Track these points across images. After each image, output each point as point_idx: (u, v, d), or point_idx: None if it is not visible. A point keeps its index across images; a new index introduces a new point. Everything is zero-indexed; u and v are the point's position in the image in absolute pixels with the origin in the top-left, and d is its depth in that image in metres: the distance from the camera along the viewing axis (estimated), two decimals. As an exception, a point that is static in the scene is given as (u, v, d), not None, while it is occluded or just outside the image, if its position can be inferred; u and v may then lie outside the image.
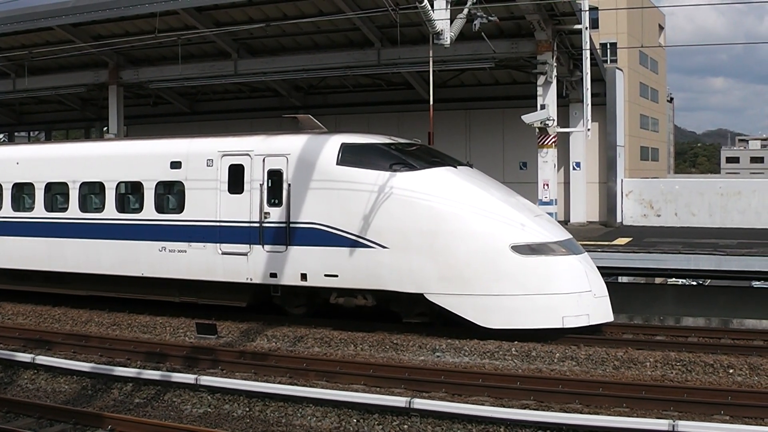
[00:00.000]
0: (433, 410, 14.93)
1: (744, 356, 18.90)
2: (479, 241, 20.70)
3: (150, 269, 24.22)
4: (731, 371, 17.94)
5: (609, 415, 14.86)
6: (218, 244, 23.19)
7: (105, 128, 42.74)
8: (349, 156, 21.93)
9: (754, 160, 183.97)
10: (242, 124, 39.25)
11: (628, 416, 14.73)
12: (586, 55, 31.00)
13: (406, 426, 14.78)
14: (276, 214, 22.45)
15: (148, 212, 24.38)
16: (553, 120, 31.48)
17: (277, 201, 22.46)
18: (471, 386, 16.66)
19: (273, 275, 22.53)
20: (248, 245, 22.78)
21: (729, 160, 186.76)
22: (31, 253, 26.29)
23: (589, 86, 31.32)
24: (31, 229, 26.30)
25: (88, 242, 25.27)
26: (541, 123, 30.70)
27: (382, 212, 21.24)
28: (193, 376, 16.99)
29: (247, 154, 22.98)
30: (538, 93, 31.54)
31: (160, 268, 24.07)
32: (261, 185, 22.65)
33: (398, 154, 22.40)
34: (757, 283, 22.87)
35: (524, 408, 15.20)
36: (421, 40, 28.42)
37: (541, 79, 31.45)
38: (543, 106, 31.00)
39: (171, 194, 24.57)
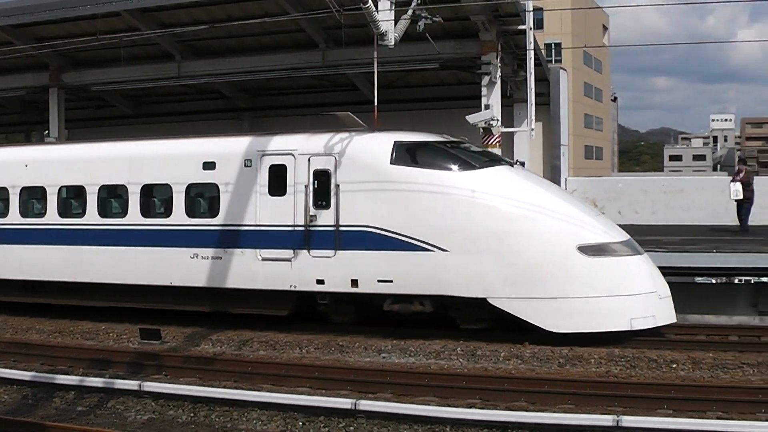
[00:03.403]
0: (379, 411, 14.91)
1: (687, 351, 19.13)
2: (546, 243, 20.09)
3: (180, 278, 23.16)
4: (674, 366, 18.13)
5: (554, 412, 14.92)
6: (258, 250, 22.24)
7: (45, 132, 42.26)
8: (404, 155, 21.20)
9: (696, 158, 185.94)
10: (188, 126, 38.97)
11: (574, 413, 14.84)
12: (530, 55, 31.09)
13: (352, 428, 14.74)
14: (323, 217, 21.51)
15: (178, 217, 23.32)
16: (498, 120, 31.55)
17: (324, 203, 21.54)
18: (417, 386, 16.66)
19: (320, 282, 21.59)
20: (292, 250, 21.82)
21: (672, 158, 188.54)
22: (45, 262, 24.94)
23: (533, 86, 31.41)
24: (43, 236, 25.01)
25: (109, 250, 24.07)
26: (485, 123, 30.77)
27: (442, 213, 20.48)
28: (137, 383, 16.85)
29: (291, 154, 22.04)
30: (483, 93, 31.57)
31: (191, 277, 23.02)
32: (306, 186, 21.72)
33: (455, 152, 21.75)
34: (701, 278, 23.02)
35: (470, 407, 15.22)
36: (366, 41, 28.34)
37: (485, 80, 31.50)
38: (487, 107, 31.06)
39: (204, 197, 23.54)
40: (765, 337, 21.00)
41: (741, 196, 28.52)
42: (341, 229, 21.26)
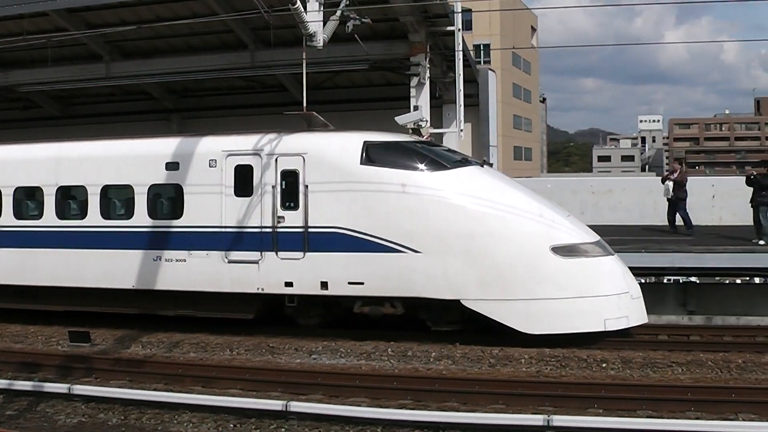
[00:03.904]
0: (311, 412, 14.97)
1: (617, 350, 19.38)
2: (519, 243, 20.00)
3: (142, 281, 22.70)
4: (605, 365, 18.34)
5: (486, 412, 15.04)
6: (224, 252, 21.87)
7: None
8: (374, 155, 21.02)
9: (624, 158, 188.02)
10: (116, 127, 38.57)
11: (505, 412, 14.97)
12: (459, 56, 31.18)
13: (283, 429, 14.79)
14: (292, 218, 21.27)
15: (140, 219, 22.83)
16: (427, 121, 31.59)
17: (292, 204, 21.31)
18: (348, 387, 16.72)
19: (288, 284, 21.34)
20: (259, 252, 21.55)
21: (601, 158, 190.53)
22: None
23: (461, 87, 31.50)
24: (3, 239, 24.34)
25: (66, 252, 23.53)
26: (414, 124, 30.73)
27: (413, 214, 20.33)
28: (66, 386, 16.76)
29: (257, 154, 21.77)
30: (412, 94, 31.59)
31: (154, 280, 22.58)
32: (273, 187, 21.49)
33: (425, 152, 21.57)
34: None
35: (401, 408, 15.31)
36: (294, 42, 28.22)
37: (414, 81, 31.53)
38: (416, 108, 31.06)
39: (166, 199, 23.11)
40: (694, 336, 21.30)
41: (671, 195, 28.81)
42: (310, 230, 21.06)
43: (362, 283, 20.70)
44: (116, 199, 23.55)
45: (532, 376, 17.67)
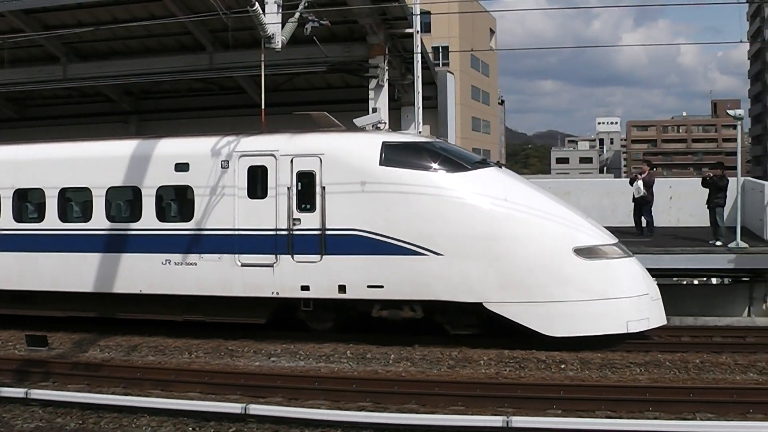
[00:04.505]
0: (270, 415, 14.93)
1: (576, 351, 19.40)
2: (542, 245, 19.84)
3: (149, 286, 22.17)
4: (563, 366, 18.43)
5: (445, 413, 15.05)
6: (236, 255, 21.42)
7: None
8: (393, 156, 20.69)
9: (583, 160, 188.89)
10: (73, 129, 38.27)
11: (464, 414, 15.00)
12: (418, 58, 31.26)
13: (242, 432, 14.73)
14: (308, 221, 20.88)
15: (148, 221, 22.27)
16: (385, 123, 31.45)
17: (309, 206, 20.94)
18: (307, 390, 16.69)
19: (305, 288, 20.96)
20: (274, 255, 21.12)
21: (559, 160, 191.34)
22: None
23: (420, 89, 31.58)
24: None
25: (67, 256, 22.90)
26: (372, 126, 30.81)
27: (435, 216, 20.04)
28: (23, 390, 16.61)
29: (272, 155, 21.34)
30: (370, 96, 31.65)
31: (161, 284, 22.06)
32: (289, 189, 21.08)
33: (445, 153, 21.35)
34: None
35: (361, 410, 15.28)
36: (253, 44, 28.18)
37: (372, 83, 31.58)
38: (375, 110, 31.10)
39: (176, 201, 22.69)
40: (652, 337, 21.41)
41: (642, 194, 28.91)
42: (328, 233, 20.72)
43: (382, 287, 20.40)
44: (121, 202, 23.11)
45: (492, 378, 17.72)
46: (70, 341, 21.91)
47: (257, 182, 21.47)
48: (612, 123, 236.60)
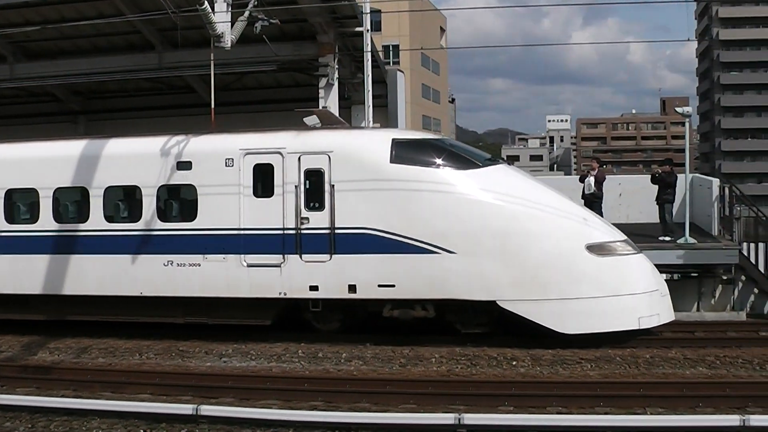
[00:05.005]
0: (221, 416, 14.89)
1: (527, 348, 19.49)
2: (556, 242, 19.80)
3: (151, 287, 21.74)
4: (515, 363, 18.53)
5: (397, 412, 15.08)
6: (242, 256, 21.07)
7: None
8: (403, 153, 20.48)
9: (533, 158, 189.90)
10: (21, 130, 37.96)
11: (416, 412, 15.01)
12: (368, 57, 31.24)
13: (194, 433, 14.67)
14: (317, 219, 20.58)
15: (149, 221, 21.80)
16: (336, 122, 31.69)
17: (317, 204, 20.64)
18: (259, 390, 16.64)
19: (313, 288, 20.67)
20: (281, 255, 20.80)
21: (510, 158, 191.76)
22: None
23: (370, 88, 31.57)
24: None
25: (63, 258, 22.30)
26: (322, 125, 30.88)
27: (448, 214, 19.86)
28: (-30, 394, 16.43)
29: (278, 152, 20.97)
30: (320, 95, 31.61)
31: (164, 286, 21.65)
32: (296, 187, 20.73)
33: (455, 150, 21.24)
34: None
35: (313, 409, 15.29)
36: (202, 42, 27.99)
37: (322, 82, 31.54)
38: (325, 108, 31.12)
39: (178, 200, 22.21)
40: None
41: (593, 191, 28.98)
42: (337, 231, 20.47)
43: (393, 286, 20.20)
44: (121, 201, 22.60)
45: (443, 375, 17.76)
46: (18, 344, 21.72)
47: (263, 180, 21.15)
48: (562, 121, 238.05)
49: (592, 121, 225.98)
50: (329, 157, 20.62)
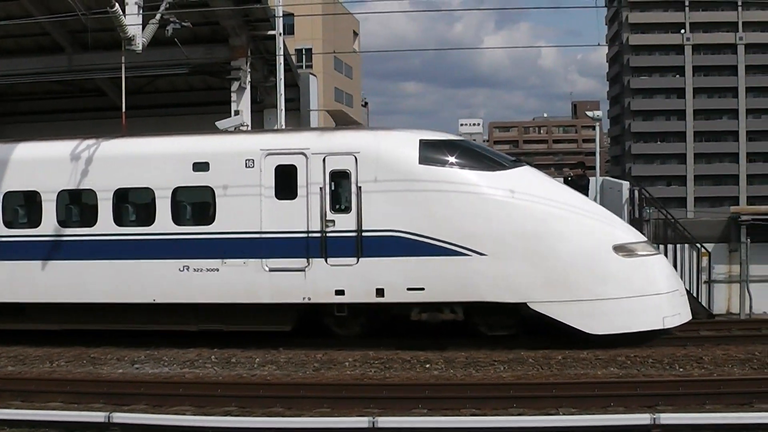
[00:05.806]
0: (134, 423, 14.75)
1: (440, 351, 19.59)
2: (584, 243, 19.73)
3: (165, 294, 20.97)
4: (428, 366, 18.60)
5: (311, 416, 15.04)
6: (263, 260, 20.45)
7: None
8: (432, 154, 20.16)
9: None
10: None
11: (330, 416, 15.00)
12: (281, 60, 31.26)
13: (106, 441, 14.52)
14: (343, 222, 20.13)
15: (163, 225, 21.04)
16: (248, 125, 31.47)
17: (344, 207, 20.26)
18: (172, 396, 16.45)
19: (339, 293, 20.16)
20: (305, 259, 20.31)
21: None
22: None
23: (282, 92, 31.58)
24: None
25: (69, 264, 21.45)
26: (235, 129, 30.70)
27: (477, 216, 19.65)
28: None
29: (302, 153, 20.40)
30: (233, 99, 31.53)
31: (179, 292, 20.93)
32: (321, 189, 20.25)
33: (482, 152, 21.09)
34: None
35: (226, 415, 15.19)
36: (113, 45, 27.74)
37: (235, 85, 31.47)
38: (237, 112, 31.00)
39: (195, 203, 21.46)
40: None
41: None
42: (365, 234, 20.05)
43: (423, 289, 19.93)
44: (133, 204, 21.81)
45: (357, 379, 17.77)
46: None
47: (286, 182, 20.59)
48: (474, 124, 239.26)
49: (505, 125, 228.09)
50: (356, 158, 20.26)
